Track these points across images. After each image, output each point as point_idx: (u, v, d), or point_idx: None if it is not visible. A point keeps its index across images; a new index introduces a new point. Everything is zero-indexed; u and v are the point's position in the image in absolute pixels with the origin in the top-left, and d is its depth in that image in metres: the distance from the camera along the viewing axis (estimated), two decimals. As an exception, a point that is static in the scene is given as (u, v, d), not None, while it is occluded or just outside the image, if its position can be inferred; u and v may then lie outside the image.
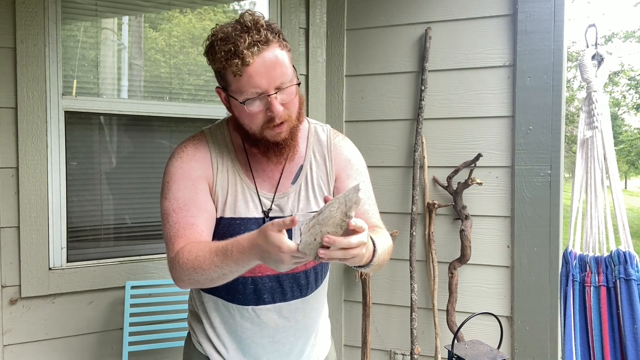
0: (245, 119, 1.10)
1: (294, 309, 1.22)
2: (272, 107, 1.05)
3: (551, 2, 1.98)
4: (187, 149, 1.18)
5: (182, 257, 1.06)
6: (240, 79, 1.04)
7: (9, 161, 1.82)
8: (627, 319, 1.37)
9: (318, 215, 0.90)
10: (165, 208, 1.14)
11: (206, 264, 1.02)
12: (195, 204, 1.13)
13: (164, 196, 1.15)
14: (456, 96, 2.15)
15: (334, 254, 0.88)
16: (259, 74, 1.03)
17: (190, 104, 2.22)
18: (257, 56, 1.03)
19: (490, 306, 2.10)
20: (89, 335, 1.98)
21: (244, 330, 1.20)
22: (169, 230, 1.13)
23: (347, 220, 0.86)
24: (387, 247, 1.14)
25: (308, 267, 1.22)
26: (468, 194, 2.12)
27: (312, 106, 2.30)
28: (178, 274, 1.08)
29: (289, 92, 1.08)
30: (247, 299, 1.18)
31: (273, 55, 1.05)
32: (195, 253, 1.05)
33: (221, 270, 1.01)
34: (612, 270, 1.41)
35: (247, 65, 1.02)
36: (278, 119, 1.07)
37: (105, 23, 2.12)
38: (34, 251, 1.86)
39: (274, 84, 1.05)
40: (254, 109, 1.07)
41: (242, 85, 1.05)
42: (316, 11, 2.32)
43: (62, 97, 1.92)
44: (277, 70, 1.05)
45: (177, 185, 1.14)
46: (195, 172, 1.15)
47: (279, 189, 1.19)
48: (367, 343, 2.24)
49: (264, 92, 1.05)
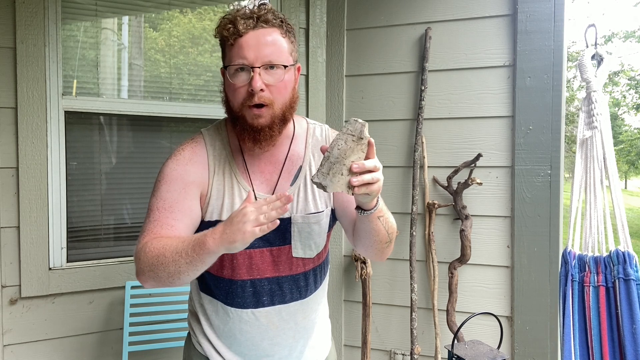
0: (230, 93, 1.12)
1: (294, 311, 1.21)
2: (252, 80, 1.06)
3: (551, 2, 1.98)
4: (184, 152, 1.17)
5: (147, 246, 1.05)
6: (232, 48, 1.08)
7: (9, 161, 1.82)
8: (625, 319, 1.37)
9: (329, 159, 0.97)
10: (151, 204, 1.14)
11: (168, 253, 1.02)
12: (180, 208, 1.12)
13: (153, 193, 1.15)
14: (456, 96, 2.15)
15: (365, 178, 0.95)
16: (249, 46, 1.06)
17: (190, 104, 2.22)
18: (251, 30, 1.07)
19: (490, 306, 2.10)
20: (89, 335, 1.98)
21: (243, 333, 1.20)
22: (147, 225, 1.12)
23: (365, 140, 0.97)
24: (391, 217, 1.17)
25: (307, 269, 1.22)
26: (468, 194, 2.12)
27: (312, 106, 2.30)
28: (140, 266, 1.06)
29: (277, 76, 1.09)
30: (245, 302, 1.18)
31: (269, 36, 1.08)
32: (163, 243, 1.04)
33: (179, 264, 1.00)
34: (611, 270, 1.41)
35: (241, 35, 1.06)
36: (258, 97, 1.07)
37: (105, 23, 2.12)
38: (34, 251, 1.86)
39: (262, 60, 1.07)
40: (237, 80, 1.08)
41: (232, 55, 1.08)
42: (316, 11, 2.32)
43: (62, 97, 1.92)
44: (268, 48, 1.07)
45: (167, 186, 1.14)
46: (189, 177, 1.14)
47: (276, 190, 1.18)
48: (367, 343, 2.24)
49: (249, 64, 1.06)
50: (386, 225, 1.13)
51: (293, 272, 1.19)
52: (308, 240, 1.19)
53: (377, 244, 1.15)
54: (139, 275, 1.08)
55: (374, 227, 1.10)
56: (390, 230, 1.15)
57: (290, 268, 1.19)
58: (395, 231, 1.19)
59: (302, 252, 1.19)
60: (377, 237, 1.13)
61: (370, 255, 1.22)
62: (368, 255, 1.23)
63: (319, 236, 1.20)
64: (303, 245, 1.19)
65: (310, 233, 1.18)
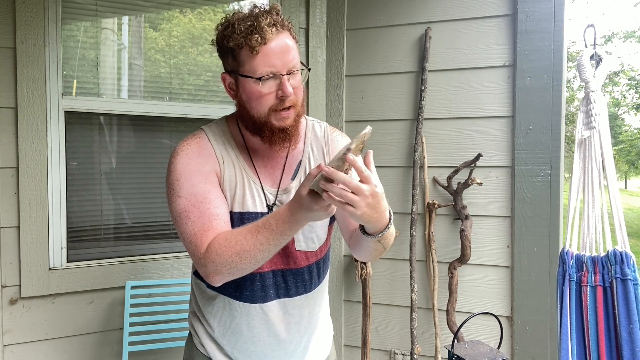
0: (254, 101, 1.10)
1: (299, 305, 1.22)
2: (284, 87, 1.07)
3: (551, 2, 1.99)
4: (190, 146, 1.16)
5: (218, 247, 1.05)
6: (256, 57, 1.06)
7: (9, 161, 1.82)
8: (623, 318, 1.37)
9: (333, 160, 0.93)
10: (183, 206, 1.11)
11: (249, 245, 1.02)
12: (215, 195, 1.12)
13: (177, 195, 1.12)
14: (456, 96, 2.15)
15: (333, 189, 0.90)
16: (275, 54, 1.06)
17: (190, 104, 2.22)
18: (275, 36, 1.06)
19: (490, 306, 2.10)
20: (89, 335, 1.98)
21: (251, 329, 1.20)
22: (192, 227, 1.09)
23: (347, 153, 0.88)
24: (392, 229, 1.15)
25: (310, 262, 1.23)
26: (468, 194, 2.12)
27: (312, 106, 2.30)
28: (215, 267, 1.05)
29: (298, 78, 1.12)
30: (254, 296, 1.18)
31: (287, 41, 1.09)
32: (234, 239, 1.04)
33: (267, 247, 1.02)
34: (609, 270, 1.41)
35: (266, 42, 1.05)
36: (288, 101, 1.09)
37: (105, 23, 2.12)
38: (34, 251, 1.86)
39: (287, 67, 1.08)
40: (266, 88, 1.08)
41: (257, 64, 1.06)
42: (316, 11, 2.32)
43: (62, 97, 1.92)
44: (290, 53, 1.09)
45: (189, 181, 1.12)
46: (205, 168, 1.14)
47: (281, 184, 1.20)
48: (367, 343, 2.24)
49: (278, 72, 1.07)
50: (386, 243, 1.11)
51: (297, 265, 1.20)
52: (310, 233, 1.20)
53: (372, 255, 1.16)
54: (214, 276, 1.07)
55: (371, 245, 1.10)
56: (387, 245, 1.13)
57: (295, 261, 1.20)
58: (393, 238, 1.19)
59: (304, 245, 1.20)
60: (375, 253, 1.14)
61: (362, 259, 1.25)
62: (360, 258, 1.25)
63: (321, 229, 1.22)
64: (305, 238, 1.20)
65: (312, 226, 1.20)
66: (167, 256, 2.10)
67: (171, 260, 2.10)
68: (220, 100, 2.29)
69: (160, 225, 2.16)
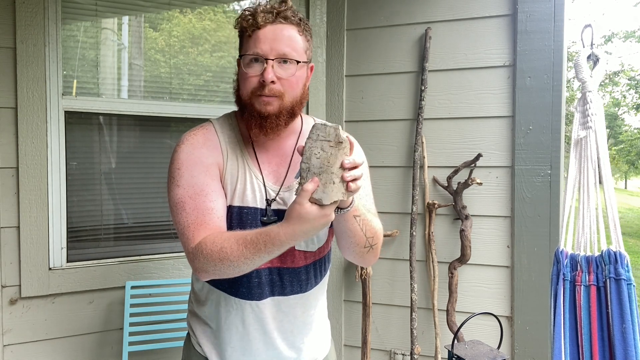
0: (241, 82, 1.13)
1: (293, 304, 1.22)
2: (265, 72, 1.08)
3: (551, 2, 1.99)
4: (196, 136, 1.17)
5: (205, 248, 1.05)
6: (249, 40, 1.11)
7: (9, 161, 1.82)
8: (616, 318, 1.37)
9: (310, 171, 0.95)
10: (180, 196, 1.11)
11: (234, 256, 1.02)
12: (213, 189, 1.12)
13: (176, 184, 1.12)
14: (456, 96, 2.16)
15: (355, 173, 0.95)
16: (266, 39, 1.09)
17: (190, 104, 2.22)
18: (270, 24, 1.09)
19: (490, 306, 2.10)
20: (89, 335, 1.98)
21: (246, 325, 1.20)
22: (186, 219, 1.10)
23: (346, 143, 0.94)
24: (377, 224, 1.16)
25: (308, 262, 1.22)
26: (468, 194, 2.12)
27: (312, 106, 2.30)
28: (202, 264, 1.06)
29: (289, 70, 1.11)
30: (251, 293, 1.18)
31: (287, 32, 1.11)
32: (220, 244, 1.03)
33: (251, 262, 1.02)
34: (603, 269, 1.41)
35: (259, 27, 1.09)
36: (269, 90, 1.09)
37: (105, 23, 2.12)
38: (34, 251, 1.86)
39: (276, 53, 1.09)
40: (250, 70, 1.10)
41: (248, 46, 1.11)
42: (316, 11, 2.32)
43: (62, 97, 1.92)
44: (284, 42, 1.10)
45: (190, 171, 1.12)
46: (208, 159, 1.14)
47: (285, 182, 1.20)
48: (367, 343, 2.24)
49: (263, 55, 1.09)
50: (364, 227, 1.11)
51: (295, 264, 1.20)
52: None
53: (355, 246, 1.14)
54: (201, 272, 1.08)
55: (350, 227, 1.09)
56: (369, 234, 1.12)
57: (293, 260, 1.20)
58: (379, 237, 1.17)
59: (304, 244, 1.20)
60: (354, 239, 1.12)
61: (352, 259, 1.21)
62: (350, 258, 1.22)
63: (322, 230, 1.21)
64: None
65: None
66: (167, 256, 2.10)
67: (171, 260, 2.10)
68: (220, 100, 2.29)
69: (160, 225, 2.16)
